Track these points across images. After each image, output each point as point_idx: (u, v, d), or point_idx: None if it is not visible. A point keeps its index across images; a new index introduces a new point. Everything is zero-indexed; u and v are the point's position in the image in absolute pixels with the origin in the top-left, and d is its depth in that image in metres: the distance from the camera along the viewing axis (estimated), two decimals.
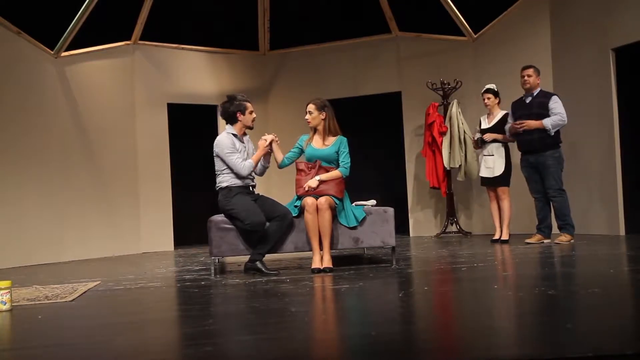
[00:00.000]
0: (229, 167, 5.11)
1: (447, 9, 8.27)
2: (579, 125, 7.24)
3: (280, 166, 5.35)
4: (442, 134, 8.08)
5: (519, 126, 6.35)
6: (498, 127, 6.83)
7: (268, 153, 5.29)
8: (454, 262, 5.28)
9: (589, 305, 3.13)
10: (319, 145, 5.22)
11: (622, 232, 6.80)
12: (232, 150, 5.10)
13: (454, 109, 8.03)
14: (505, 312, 3.18)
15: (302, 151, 5.31)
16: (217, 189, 5.19)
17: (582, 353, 2.13)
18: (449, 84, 8.27)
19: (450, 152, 8.02)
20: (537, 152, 6.32)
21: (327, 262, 4.92)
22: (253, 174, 5.27)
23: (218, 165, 5.18)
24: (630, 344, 2.26)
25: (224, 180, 5.14)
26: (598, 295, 3.33)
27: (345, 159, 5.19)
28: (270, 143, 5.25)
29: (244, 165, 5.09)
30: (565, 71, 7.53)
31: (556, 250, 5.70)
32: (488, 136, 6.84)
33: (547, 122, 6.20)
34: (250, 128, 5.30)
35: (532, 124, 6.26)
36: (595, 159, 7.12)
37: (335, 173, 5.12)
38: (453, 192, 8.30)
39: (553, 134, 6.22)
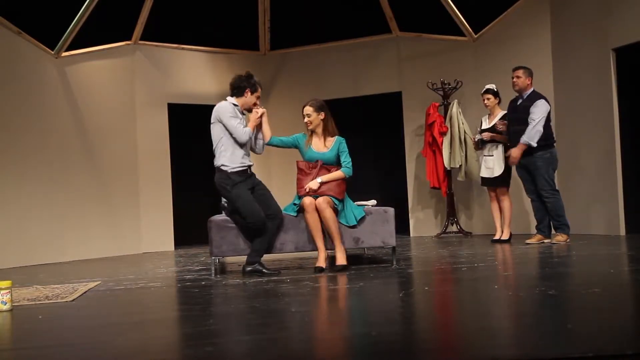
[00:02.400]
0: (227, 137, 4.97)
1: (448, 9, 8.27)
2: (580, 125, 7.24)
3: (268, 143, 5.27)
4: (443, 134, 8.08)
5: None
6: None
7: (259, 126, 5.21)
8: (455, 262, 5.28)
9: (589, 305, 3.13)
10: (318, 147, 5.18)
11: (622, 232, 6.80)
12: (234, 115, 5.01)
13: (455, 109, 8.03)
14: (505, 312, 3.18)
15: (296, 147, 5.27)
16: (216, 167, 5.05)
17: (582, 353, 2.13)
18: (449, 84, 8.27)
19: (450, 152, 8.02)
20: (527, 154, 6.31)
21: (341, 260, 4.92)
22: (250, 151, 5.16)
23: (216, 135, 5.04)
24: (631, 344, 2.26)
25: (223, 158, 4.99)
26: (598, 295, 3.33)
27: (346, 159, 5.17)
28: (261, 116, 5.16)
29: (245, 130, 4.98)
30: (565, 71, 7.53)
31: (556, 250, 5.70)
32: (487, 135, 6.85)
33: (524, 140, 6.18)
34: (248, 111, 5.19)
35: (516, 153, 6.25)
36: (596, 158, 7.12)
37: (337, 174, 5.10)
38: (453, 192, 8.30)
39: (536, 144, 6.19)
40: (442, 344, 2.55)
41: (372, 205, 5.43)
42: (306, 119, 5.17)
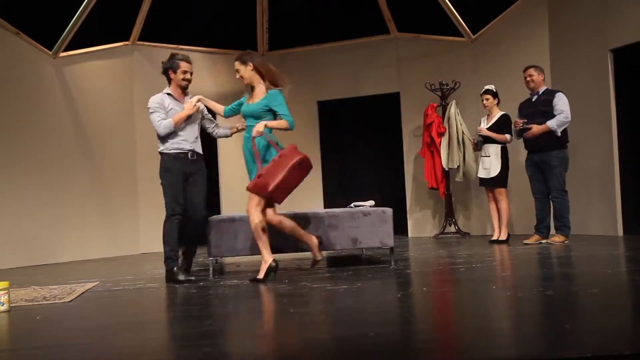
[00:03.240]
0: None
1: (446, 10, 8.28)
2: (578, 126, 7.24)
3: (225, 115, 5.05)
4: (441, 134, 8.09)
5: (520, 124, 6.35)
6: (495, 128, 6.84)
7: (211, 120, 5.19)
8: (453, 262, 5.29)
9: (587, 305, 3.13)
10: (250, 101, 4.77)
11: (620, 232, 6.82)
12: (156, 109, 4.88)
13: (453, 109, 8.04)
14: (504, 312, 3.18)
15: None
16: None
17: (581, 353, 2.13)
18: (447, 85, 8.27)
19: (448, 153, 8.03)
20: (542, 151, 6.29)
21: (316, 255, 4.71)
22: (192, 138, 4.99)
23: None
24: (629, 345, 2.27)
25: (160, 144, 4.94)
26: (596, 296, 3.33)
27: (282, 111, 4.65)
28: (198, 103, 4.98)
29: (162, 124, 4.83)
30: (563, 72, 7.54)
31: (554, 251, 5.70)
32: (483, 130, 6.85)
33: (552, 124, 6.17)
34: (183, 88, 5.01)
35: (537, 129, 6.22)
36: (594, 159, 7.13)
37: (282, 122, 4.64)
38: (451, 193, 8.31)
39: (560, 134, 6.20)
40: (440, 345, 2.55)
41: (370, 206, 5.43)
42: (237, 76, 4.84)
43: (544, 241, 6.38)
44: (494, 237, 6.93)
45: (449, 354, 2.39)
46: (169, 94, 5.01)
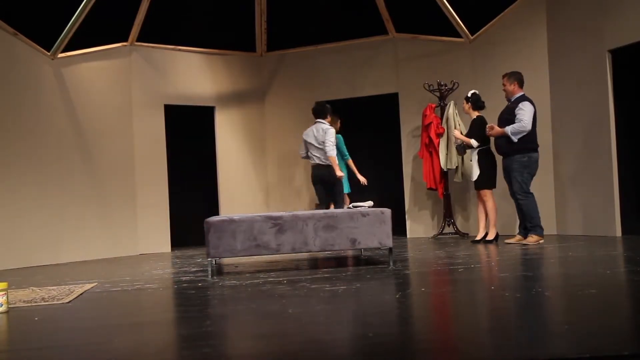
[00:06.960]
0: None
1: (444, 11, 8.28)
2: (576, 127, 7.27)
3: None
4: (439, 135, 8.10)
5: (488, 129, 6.69)
6: (469, 132, 7.10)
7: None
8: (451, 263, 5.29)
9: (586, 306, 3.14)
10: None
11: (619, 233, 6.82)
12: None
13: (451, 110, 8.05)
14: (502, 313, 3.18)
15: None
16: (325, 164, 6.83)
17: (579, 354, 2.14)
18: (445, 85, 8.28)
19: (447, 154, 8.04)
20: (506, 156, 6.54)
21: None
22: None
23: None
24: (627, 345, 2.27)
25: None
26: (595, 296, 3.33)
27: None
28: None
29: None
30: (561, 72, 7.55)
31: (552, 252, 5.71)
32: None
33: (508, 129, 6.38)
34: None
35: (495, 131, 6.53)
36: (592, 160, 7.13)
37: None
38: (450, 194, 8.32)
39: (516, 140, 6.34)
40: (439, 345, 2.55)
41: (368, 207, 5.43)
42: None
43: (523, 241, 6.50)
44: (478, 237, 7.08)
45: (448, 354, 2.39)
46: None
